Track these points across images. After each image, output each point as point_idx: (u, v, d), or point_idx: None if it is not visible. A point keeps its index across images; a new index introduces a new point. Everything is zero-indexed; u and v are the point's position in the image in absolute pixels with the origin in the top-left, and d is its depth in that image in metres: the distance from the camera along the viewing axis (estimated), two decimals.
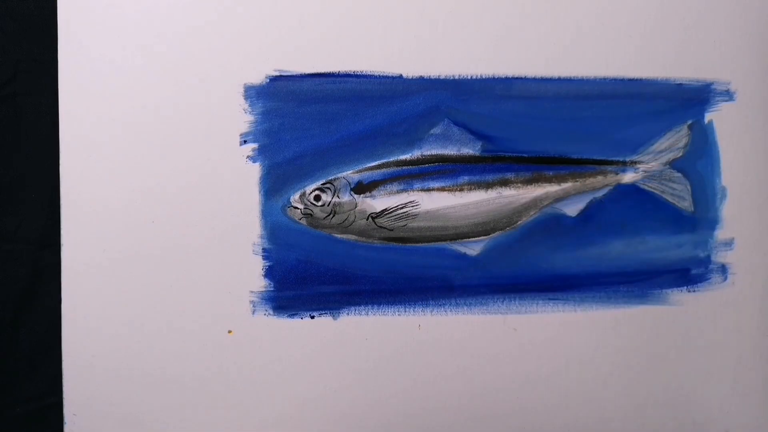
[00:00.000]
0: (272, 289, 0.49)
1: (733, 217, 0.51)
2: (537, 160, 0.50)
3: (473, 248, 0.49)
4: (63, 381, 0.48)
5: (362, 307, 0.49)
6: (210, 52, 0.48)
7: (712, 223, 0.51)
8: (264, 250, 0.48)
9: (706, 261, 0.51)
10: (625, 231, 0.50)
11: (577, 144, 0.50)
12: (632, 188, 0.50)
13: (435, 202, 0.49)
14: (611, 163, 0.50)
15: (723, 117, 0.51)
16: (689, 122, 0.51)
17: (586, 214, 0.50)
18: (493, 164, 0.50)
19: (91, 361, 0.48)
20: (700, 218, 0.51)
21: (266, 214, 0.48)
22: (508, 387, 0.50)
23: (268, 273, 0.49)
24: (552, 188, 0.50)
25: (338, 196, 0.49)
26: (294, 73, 0.49)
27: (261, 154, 0.48)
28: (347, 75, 0.49)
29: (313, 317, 0.49)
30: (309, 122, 0.49)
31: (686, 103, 0.51)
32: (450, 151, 0.49)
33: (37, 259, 0.50)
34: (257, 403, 0.49)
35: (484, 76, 0.49)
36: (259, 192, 0.48)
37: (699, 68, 0.51)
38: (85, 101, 0.48)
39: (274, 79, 0.48)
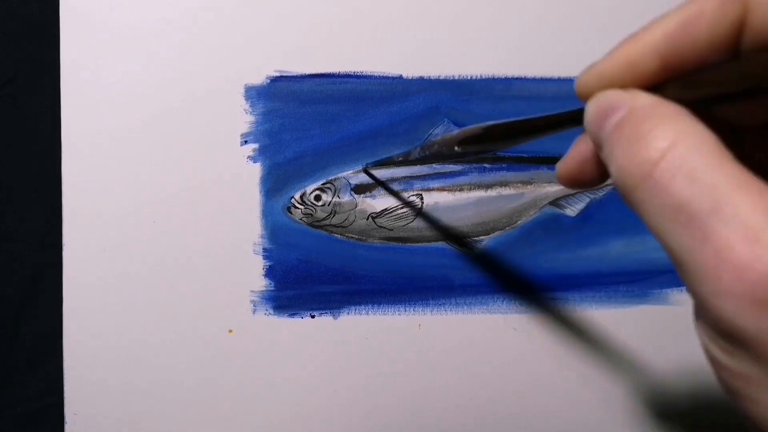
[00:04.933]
0: (273, 288, 0.49)
1: None
2: (537, 160, 0.50)
3: (473, 248, 0.49)
4: (63, 381, 0.48)
5: (362, 306, 0.49)
6: (210, 53, 0.48)
7: None
8: (264, 249, 0.48)
9: None
10: (625, 231, 0.50)
11: None
12: None
13: (435, 202, 0.49)
14: None
15: None
16: None
17: (586, 214, 0.50)
18: (493, 164, 0.50)
19: (92, 361, 0.48)
20: None
21: (267, 214, 0.49)
22: (508, 387, 0.50)
23: (269, 273, 0.49)
24: (552, 188, 0.50)
25: (338, 196, 0.49)
26: (294, 74, 0.49)
27: (261, 154, 0.49)
28: (347, 75, 0.49)
29: (313, 317, 0.49)
30: (309, 123, 0.49)
31: None
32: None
33: (38, 259, 0.50)
34: (257, 403, 0.49)
35: (484, 76, 0.49)
36: (260, 192, 0.49)
37: None
38: (86, 101, 0.48)
39: (275, 80, 0.49)
